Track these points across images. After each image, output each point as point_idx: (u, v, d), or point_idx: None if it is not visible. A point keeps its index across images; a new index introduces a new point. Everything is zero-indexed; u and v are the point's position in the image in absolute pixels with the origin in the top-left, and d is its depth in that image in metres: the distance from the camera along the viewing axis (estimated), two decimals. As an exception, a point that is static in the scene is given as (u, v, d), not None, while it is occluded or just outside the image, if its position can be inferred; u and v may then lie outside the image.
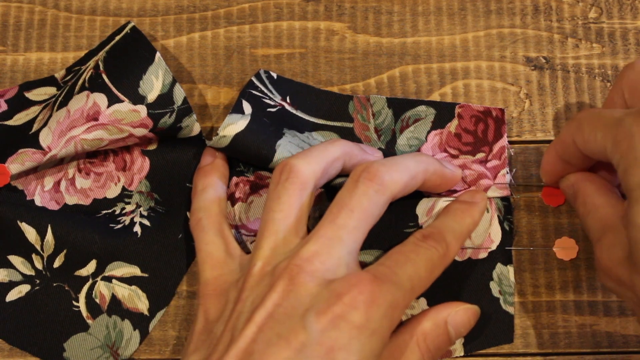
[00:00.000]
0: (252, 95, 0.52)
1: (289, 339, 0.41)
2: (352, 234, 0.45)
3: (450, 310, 0.47)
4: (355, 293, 0.42)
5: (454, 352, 0.51)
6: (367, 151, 0.50)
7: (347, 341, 0.41)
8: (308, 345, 0.41)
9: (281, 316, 0.42)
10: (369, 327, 0.42)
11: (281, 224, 0.46)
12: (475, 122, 0.53)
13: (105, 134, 0.49)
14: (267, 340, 0.42)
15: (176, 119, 0.50)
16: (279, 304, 0.43)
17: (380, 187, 0.46)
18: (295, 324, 0.42)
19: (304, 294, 0.43)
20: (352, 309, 0.42)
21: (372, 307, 0.42)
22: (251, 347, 0.42)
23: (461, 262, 0.52)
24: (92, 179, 0.53)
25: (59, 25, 0.56)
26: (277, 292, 0.43)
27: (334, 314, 0.41)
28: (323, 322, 0.41)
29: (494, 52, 0.55)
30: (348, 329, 0.41)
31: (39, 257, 0.51)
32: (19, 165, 0.49)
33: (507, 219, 0.52)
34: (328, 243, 0.44)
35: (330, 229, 0.45)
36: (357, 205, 0.45)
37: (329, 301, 0.42)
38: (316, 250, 0.44)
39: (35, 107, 0.53)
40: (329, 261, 0.44)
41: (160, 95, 0.50)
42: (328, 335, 0.41)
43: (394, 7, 0.56)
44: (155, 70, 0.50)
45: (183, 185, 0.53)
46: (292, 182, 0.46)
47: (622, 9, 0.56)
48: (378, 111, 0.54)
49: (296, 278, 0.43)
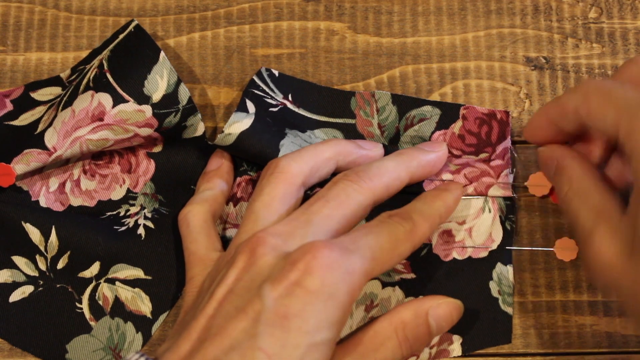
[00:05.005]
0: (255, 94, 0.52)
1: (246, 310, 0.41)
2: (323, 220, 0.45)
3: (433, 302, 0.46)
4: (309, 258, 0.41)
5: (452, 352, 0.51)
6: (365, 147, 0.50)
7: (301, 307, 0.40)
8: (263, 313, 0.40)
9: (240, 290, 0.42)
10: (324, 292, 0.41)
11: (260, 212, 0.46)
12: (479, 124, 0.53)
13: (111, 134, 0.49)
14: (226, 314, 0.42)
15: (181, 118, 0.50)
16: (239, 278, 0.43)
17: (358, 187, 0.46)
18: (252, 296, 0.41)
19: (263, 267, 0.43)
20: (307, 275, 0.41)
21: (327, 272, 0.41)
22: (210, 323, 0.42)
23: (461, 260, 0.52)
24: (97, 181, 0.53)
25: (59, 25, 0.56)
26: (237, 268, 0.43)
27: (289, 281, 0.41)
28: (278, 290, 0.41)
29: (494, 52, 0.55)
30: (303, 294, 0.41)
31: (43, 258, 0.51)
32: (24, 165, 0.49)
33: (509, 218, 0.52)
34: (296, 224, 0.44)
35: (302, 214, 0.45)
36: (334, 197, 0.45)
37: (284, 269, 0.41)
38: (283, 229, 0.44)
39: (40, 107, 0.52)
40: (292, 240, 0.44)
41: (165, 95, 0.50)
42: (282, 302, 0.41)
43: (394, 7, 0.56)
44: (160, 69, 0.50)
45: (188, 187, 0.53)
46: (276, 176, 0.47)
47: (622, 9, 0.56)
48: (382, 107, 0.54)
49: (256, 251, 0.43)
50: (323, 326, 0.41)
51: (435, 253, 0.52)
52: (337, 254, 0.42)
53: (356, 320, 0.51)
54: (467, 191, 0.52)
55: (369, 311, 0.51)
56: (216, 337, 0.41)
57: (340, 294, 0.41)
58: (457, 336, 0.51)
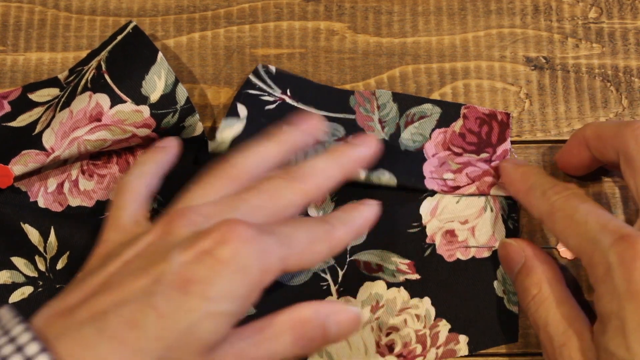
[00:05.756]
0: (249, 95, 0.52)
1: (149, 270, 0.40)
2: (251, 209, 0.44)
3: (335, 308, 0.45)
4: (224, 230, 0.40)
5: (459, 352, 0.51)
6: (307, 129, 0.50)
7: (207, 274, 0.39)
8: (166, 275, 0.39)
9: (149, 253, 0.41)
10: (234, 264, 0.40)
11: (194, 195, 0.45)
12: (479, 124, 0.53)
13: (109, 135, 0.49)
14: (129, 271, 0.41)
15: (179, 119, 0.50)
16: (151, 244, 0.42)
17: (291, 186, 0.45)
18: (159, 258, 0.40)
19: (178, 236, 0.42)
20: (220, 244, 0.40)
21: (241, 245, 0.40)
22: (110, 279, 0.41)
23: (465, 261, 0.52)
24: (96, 181, 0.53)
25: (59, 25, 0.56)
26: (151, 235, 0.42)
27: (200, 249, 0.40)
28: (187, 256, 0.40)
29: (494, 52, 0.55)
30: (211, 263, 0.39)
31: (42, 258, 0.51)
32: (22, 166, 0.49)
33: (512, 217, 0.52)
34: (222, 207, 0.43)
35: (231, 199, 0.44)
36: (266, 191, 0.45)
37: (198, 237, 0.40)
38: (207, 209, 0.43)
39: (38, 109, 0.52)
40: (215, 220, 0.42)
41: (163, 96, 0.50)
42: (189, 267, 0.39)
43: (394, 7, 0.56)
44: (158, 70, 0.50)
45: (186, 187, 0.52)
46: (225, 170, 0.46)
47: (622, 9, 0.56)
48: (383, 104, 0.54)
49: (174, 222, 0.42)
50: (226, 297, 0.39)
51: (439, 254, 0.52)
52: (255, 232, 0.41)
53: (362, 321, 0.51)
54: (470, 190, 0.52)
55: (375, 312, 0.51)
56: (110, 290, 0.40)
57: (251, 270, 0.40)
58: (464, 336, 0.51)
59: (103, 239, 0.46)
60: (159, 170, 0.50)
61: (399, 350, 0.51)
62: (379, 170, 0.51)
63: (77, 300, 0.40)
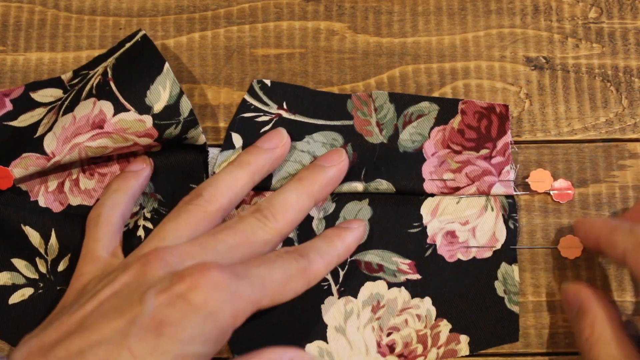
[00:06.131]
0: (243, 120, 0.53)
1: (124, 311, 0.41)
2: (226, 250, 0.46)
3: (296, 354, 0.46)
4: (197, 275, 0.42)
5: (460, 352, 0.51)
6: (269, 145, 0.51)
7: (179, 317, 0.41)
8: (140, 317, 0.41)
9: (124, 294, 0.43)
10: (206, 308, 0.41)
11: (168, 233, 0.47)
12: (478, 118, 0.53)
13: (110, 142, 0.49)
14: (104, 312, 0.42)
15: (182, 131, 0.50)
16: (126, 284, 0.43)
17: (264, 226, 0.47)
18: (134, 300, 0.42)
19: (153, 278, 0.43)
20: (193, 289, 0.41)
21: (213, 290, 0.41)
22: (86, 318, 0.42)
23: (466, 261, 0.52)
24: (96, 180, 0.53)
25: (59, 25, 0.56)
26: (127, 274, 0.44)
27: (173, 293, 0.41)
28: (161, 299, 0.41)
29: (494, 52, 0.55)
30: (184, 306, 0.41)
31: (43, 260, 0.51)
32: (22, 169, 0.49)
33: (512, 217, 0.52)
34: (198, 249, 0.45)
35: (207, 239, 0.46)
36: (241, 231, 0.46)
37: (172, 281, 0.42)
38: (184, 250, 0.45)
39: (40, 109, 0.52)
40: (190, 261, 0.44)
41: (166, 107, 0.50)
42: (162, 310, 0.41)
43: (394, 7, 0.56)
44: (163, 80, 0.50)
45: (186, 186, 0.52)
46: (196, 206, 0.48)
47: (622, 9, 0.56)
48: (380, 106, 0.54)
49: (150, 263, 0.44)
50: (197, 340, 0.41)
51: (439, 254, 0.52)
52: (227, 276, 0.42)
53: (363, 321, 0.51)
54: (470, 191, 0.52)
55: (376, 312, 0.51)
56: (86, 330, 0.41)
57: (222, 315, 0.42)
58: (465, 336, 0.51)
59: (79, 272, 0.48)
60: (131, 199, 0.51)
61: (399, 350, 0.51)
62: (376, 181, 0.51)
63: (55, 338, 0.42)
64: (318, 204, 0.50)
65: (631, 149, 0.54)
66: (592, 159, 0.54)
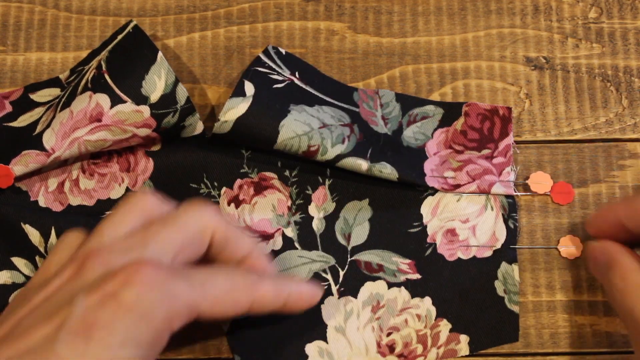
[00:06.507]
0: (257, 73, 0.52)
1: (54, 317, 0.39)
2: (161, 242, 0.43)
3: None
4: (131, 271, 0.40)
5: (460, 352, 0.51)
6: None
7: (110, 319, 0.39)
8: (69, 321, 0.39)
9: (57, 298, 0.41)
10: (138, 309, 0.39)
11: (105, 230, 0.44)
12: (481, 120, 0.53)
13: (109, 135, 0.49)
14: (35, 318, 0.40)
15: (179, 119, 0.50)
16: (60, 288, 0.42)
17: (200, 218, 0.45)
18: (65, 303, 0.40)
19: (88, 278, 0.41)
20: (124, 286, 0.39)
21: (146, 288, 0.39)
22: (17, 326, 0.40)
23: (466, 260, 0.52)
24: (96, 180, 0.53)
25: (59, 25, 0.56)
26: (62, 278, 0.42)
27: (104, 292, 0.39)
28: (91, 300, 0.39)
29: (494, 52, 0.55)
30: (115, 307, 0.39)
31: (43, 259, 0.51)
32: (22, 167, 0.49)
33: (512, 217, 0.52)
34: (132, 243, 0.43)
35: (140, 233, 0.43)
36: (175, 221, 0.44)
37: (104, 279, 0.40)
38: (119, 245, 0.43)
39: (39, 109, 0.52)
40: (126, 256, 0.42)
41: (163, 96, 0.50)
42: (92, 312, 0.39)
43: (394, 7, 0.56)
44: (158, 70, 0.50)
45: (187, 185, 0.53)
46: (130, 205, 0.45)
47: (622, 9, 0.56)
48: (386, 103, 0.54)
49: (85, 264, 0.42)
50: (130, 344, 0.39)
51: (440, 253, 0.52)
52: (163, 275, 0.40)
53: (363, 321, 0.51)
54: (471, 189, 0.52)
55: (376, 312, 0.51)
56: (16, 339, 0.40)
57: (155, 316, 0.40)
58: (465, 336, 0.51)
59: (29, 284, 0.46)
60: None
61: (399, 350, 0.51)
62: (381, 164, 0.51)
63: None
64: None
65: (631, 149, 0.54)
66: (592, 159, 0.54)
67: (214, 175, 0.53)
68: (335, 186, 0.53)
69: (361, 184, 0.53)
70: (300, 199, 0.53)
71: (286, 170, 0.53)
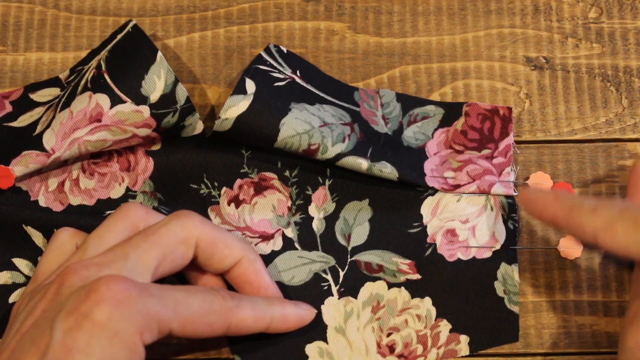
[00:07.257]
0: (259, 70, 0.52)
1: (38, 343, 0.40)
2: (141, 254, 0.44)
3: None
4: (104, 289, 0.40)
5: (460, 352, 0.51)
6: None
7: (87, 341, 0.39)
8: (51, 347, 0.39)
9: (42, 321, 0.41)
10: (110, 328, 0.40)
11: (90, 243, 0.45)
12: (481, 120, 0.53)
13: (109, 135, 0.49)
14: (23, 347, 0.41)
15: (179, 118, 0.50)
16: (45, 309, 0.42)
17: (182, 228, 0.45)
18: (47, 328, 0.40)
19: (66, 296, 0.42)
20: (96, 305, 0.40)
21: (116, 306, 0.40)
22: (8, 356, 0.41)
23: (466, 261, 0.52)
24: (96, 179, 0.53)
25: (59, 25, 0.56)
26: (46, 299, 0.42)
27: (80, 313, 0.40)
28: (69, 322, 0.40)
29: (494, 52, 0.55)
30: (89, 327, 0.39)
31: None
32: (22, 167, 0.49)
33: (512, 217, 0.52)
34: (112, 257, 0.43)
35: (121, 246, 0.44)
36: (156, 232, 0.45)
37: (78, 299, 0.40)
38: (98, 260, 0.43)
39: (39, 109, 0.52)
40: (104, 271, 0.42)
41: (162, 95, 0.50)
42: (70, 335, 0.39)
43: (394, 7, 0.56)
44: (157, 70, 0.50)
45: (187, 185, 0.53)
46: (119, 214, 0.46)
47: (622, 9, 0.56)
48: (387, 103, 0.54)
49: (65, 282, 0.42)
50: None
51: (440, 253, 0.52)
52: (134, 292, 0.41)
53: (363, 322, 0.51)
54: (471, 189, 0.52)
55: (376, 312, 0.51)
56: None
57: (127, 334, 0.40)
58: (465, 336, 0.51)
59: (25, 292, 0.47)
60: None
61: (399, 351, 0.51)
62: (382, 163, 0.51)
63: None
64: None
65: (631, 149, 0.54)
66: (592, 159, 0.54)
67: (214, 175, 0.53)
68: (335, 186, 0.53)
69: (361, 184, 0.53)
70: (300, 200, 0.53)
71: (286, 170, 0.53)
